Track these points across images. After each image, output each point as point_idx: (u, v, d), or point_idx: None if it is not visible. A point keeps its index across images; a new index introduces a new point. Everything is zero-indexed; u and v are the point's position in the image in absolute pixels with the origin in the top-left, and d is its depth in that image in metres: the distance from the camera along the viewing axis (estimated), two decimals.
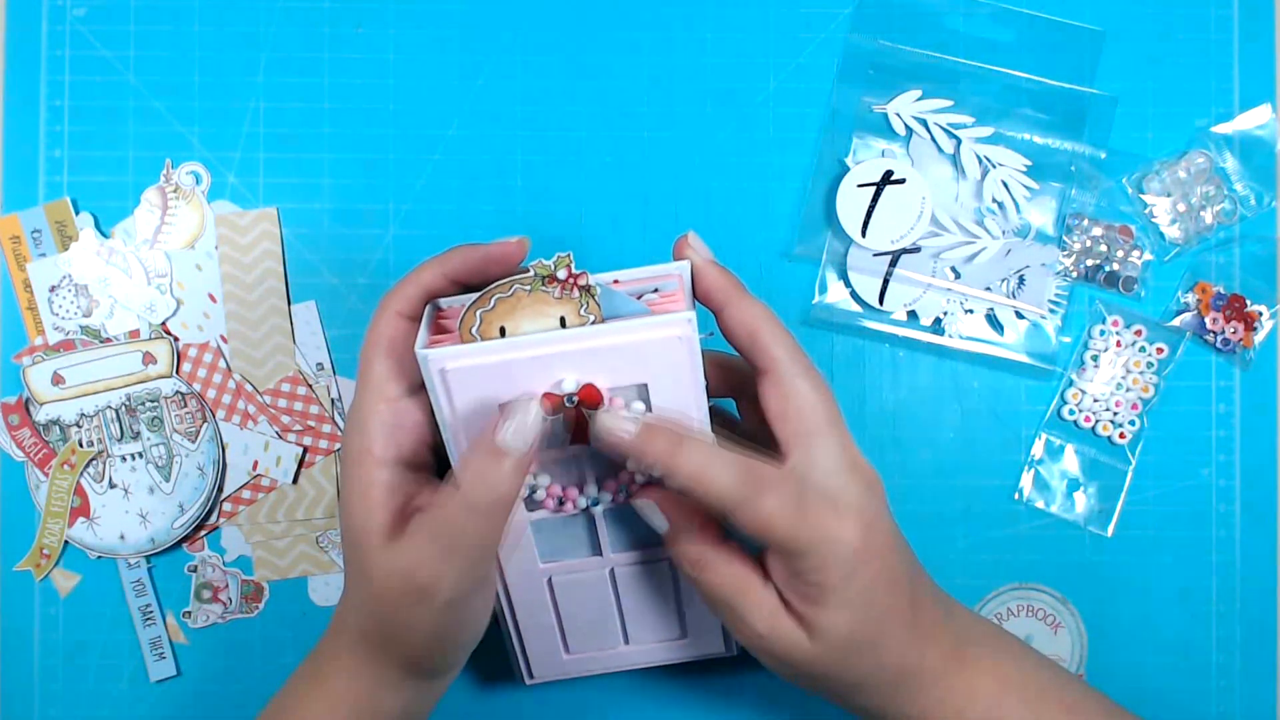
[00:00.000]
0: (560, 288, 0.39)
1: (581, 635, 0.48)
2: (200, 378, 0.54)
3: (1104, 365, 0.54)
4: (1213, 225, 0.55)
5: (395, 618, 0.39)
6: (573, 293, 0.39)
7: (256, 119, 0.54)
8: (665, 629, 0.48)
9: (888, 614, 0.39)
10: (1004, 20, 0.54)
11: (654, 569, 0.46)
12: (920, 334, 0.54)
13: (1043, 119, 0.54)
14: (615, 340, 0.38)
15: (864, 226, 0.53)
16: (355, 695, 0.41)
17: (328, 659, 0.43)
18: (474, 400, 0.39)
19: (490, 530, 0.38)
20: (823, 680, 0.40)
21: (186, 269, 0.54)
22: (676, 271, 0.42)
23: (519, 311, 0.39)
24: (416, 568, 0.38)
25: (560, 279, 0.39)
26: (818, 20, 0.55)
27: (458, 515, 0.37)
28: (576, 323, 0.39)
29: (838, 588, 0.38)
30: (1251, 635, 0.54)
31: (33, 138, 0.54)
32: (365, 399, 0.41)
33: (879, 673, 0.40)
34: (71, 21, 0.54)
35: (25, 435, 0.53)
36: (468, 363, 0.38)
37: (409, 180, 0.55)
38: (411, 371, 0.41)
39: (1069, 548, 0.54)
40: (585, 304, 0.39)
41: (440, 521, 0.38)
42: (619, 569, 0.46)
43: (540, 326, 0.39)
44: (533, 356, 0.38)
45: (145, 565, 0.54)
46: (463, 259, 0.41)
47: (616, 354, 0.39)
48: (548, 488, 0.42)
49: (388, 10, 0.55)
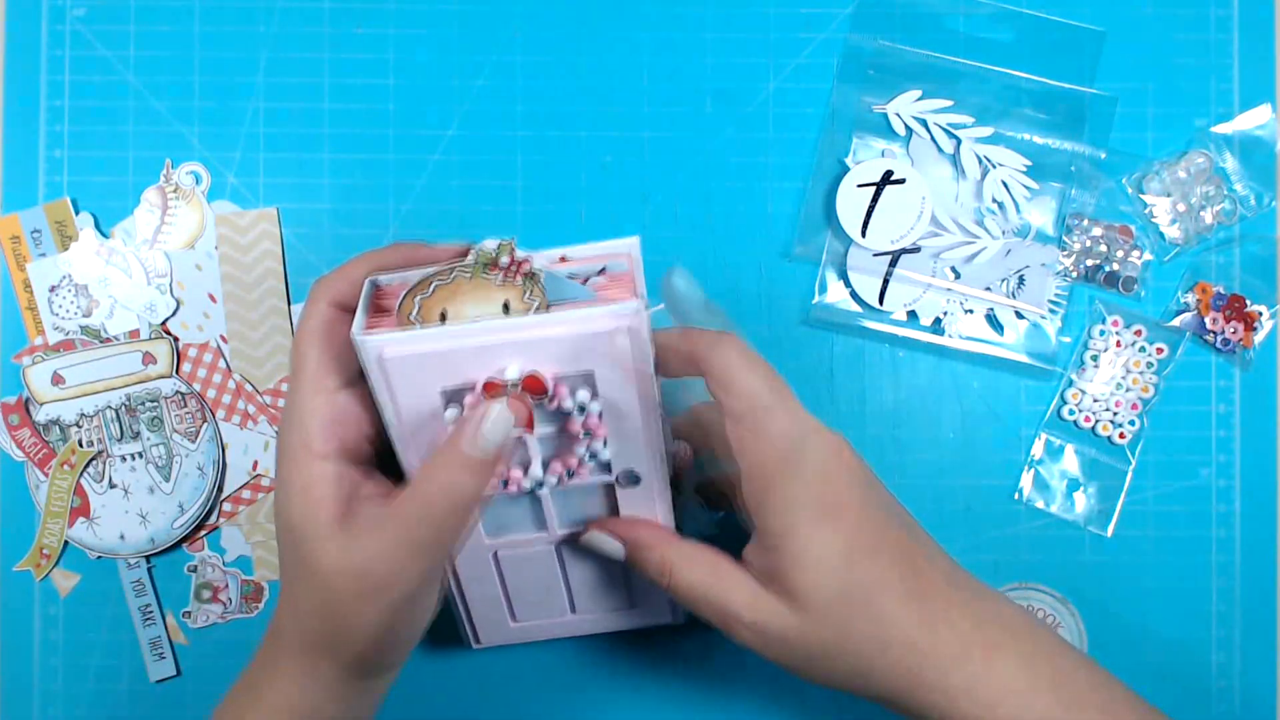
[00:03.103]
0: (503, 274, 0.38)
1: (528, 605, 0.47)
2: (200, 378, 0.54)
3: (1104, 365, 0.54)
4: (1213, 225, 0.55)
5: (345, 615, 0.38)
6: (515, 279, 0.38)
7: (256, 119, 0.54)
8: (612, 599, 0.48)
9: (876, 578, 0.38)
10: (1004, 20, 0.54)
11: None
12: (920, 334, 0.54)
13: (1043, 119, 0.54)
14: (559, 331, 0.38)
15: (864, 226, 0.53)
16: (296, 705, 0.40)
17: (265, 669, 0.41)
18: (416, 387, 0.38)
19: (453, 531, 0.38)
20: (827, 662, 0.39)
21: (186, 269, 0.54)
22: (626, 250, 0.41)
23: (460, 296, 0.38)
24: (374, 563, 0.37)
25: (503, 265, 0.38)
26: (818, 20, 0.55)
27: (421, 514, 0.37)
28: (520, 309, 0.38)
29: (805, 546, 0.38)
30: (1251, 635, 0.54)
31: (33, 138, 0.54)
32: (301, 392, 0.39)
33: (885, 650, 0.38)
34: (71, 21, 0.54)
35: (25, 435, 0.53)
36: (407, 349, 0.37)
37: (409, 180, 0.55)
38: (348, 363, 0.40)
39: (1069, 548, 0.54)
40: (529, 290, 0.38)
41: (402, 519, 0.37)
42: (565, 544, 0.45)
43: (483, 310, 0.38)
44: (475, 345, 0.37)
45: (145, 565, 0.54)
46: (402, 258, 0.41)
47: (561, 344, 0.38)
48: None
49: (388, 10, 0.55)
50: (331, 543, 0.38)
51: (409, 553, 0.37)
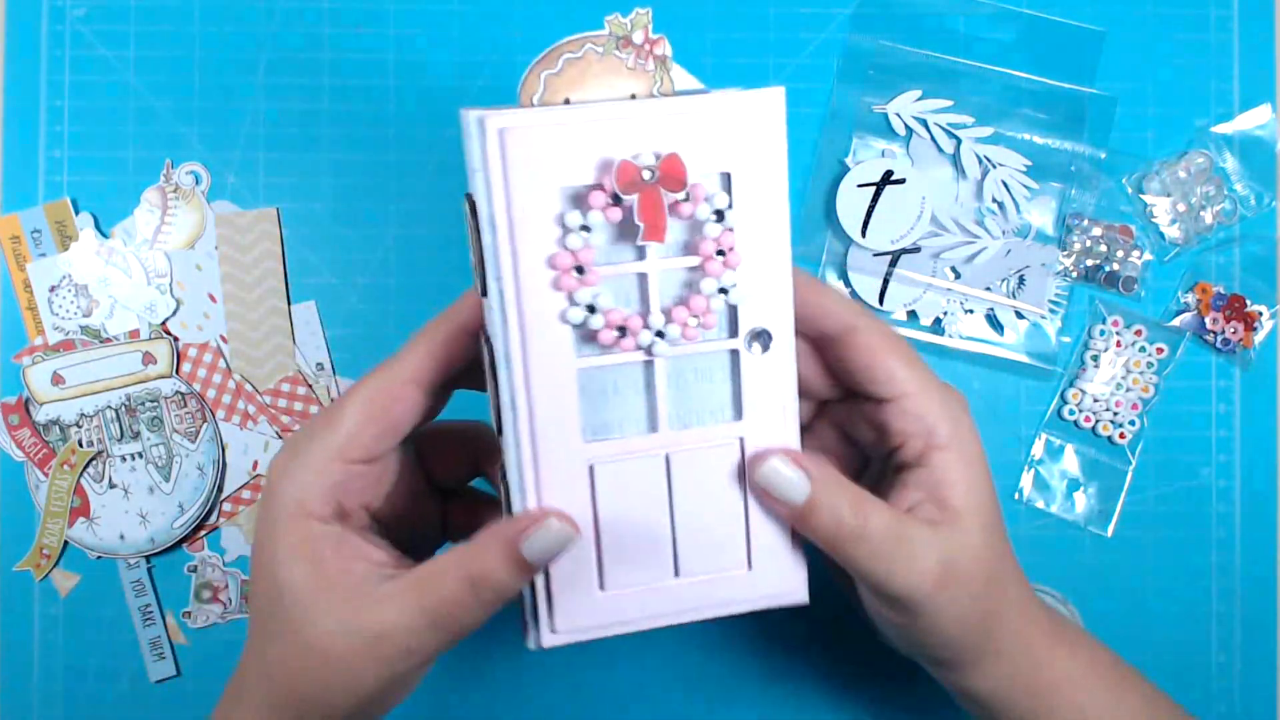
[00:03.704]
0: (636, 54, 0.33)
1: (624, 558, 0.35)
2: (200, 378, 0.54)
3: (1104, 365, 0.54)
4: (1213, 225, 0.55)
5: (338, 677, 0.35)
6: (647, 63, 0.33)
7: (256, 119, 0.54)
8: (726, 553, 0.36)
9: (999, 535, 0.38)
10: (1004, 20, 0.54)
11: (719, 458, 0.35)
12: (920, 334, 0.54)
13: (1043, 119, 0.54)
14: (700, 114, 0.33)
15: (864, 226, 0.53)
16: None
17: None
18: (534, 180, 0.32)
19: (480, 620, 0.35)
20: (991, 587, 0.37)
21: (186, 269, 0.54)
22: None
23: (587, 81, 0.34)
24: (393, 631, 0.35)
25: (636, 43, 0.33)
26: (818, 20, 0.55)
27: (456, 594, 0.35)
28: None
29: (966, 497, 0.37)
30: (1251, 635, 0.54)
31: (33, 138, 0.54)
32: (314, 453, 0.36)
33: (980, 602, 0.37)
34: (71, 21, 0.54)
35: (25, 435, 0.53)
36: (533, 122, 0.32)
37: (409, 180, 0.55)
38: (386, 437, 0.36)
39: (1069, 548, 0.54)
40: (660, 79, 0.34)
41: (436, 594, 0.35)
42: (676, 455, 0.35)
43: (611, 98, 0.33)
44: (608, 127, 0.32)
45: (145, 565, 0.54)
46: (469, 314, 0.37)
47: (701, 131, 0.33)
48: (608, 313, 0.33)
49: (388, 10, 0.55)
50: (336, 605, 0.35)
51: (430, 625, 0.35)
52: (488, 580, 0.34)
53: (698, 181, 0.33)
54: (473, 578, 0.34)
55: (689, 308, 0.34)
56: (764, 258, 0.34)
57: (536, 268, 0.33)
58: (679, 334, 0.34)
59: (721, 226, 0.33)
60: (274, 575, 0.36)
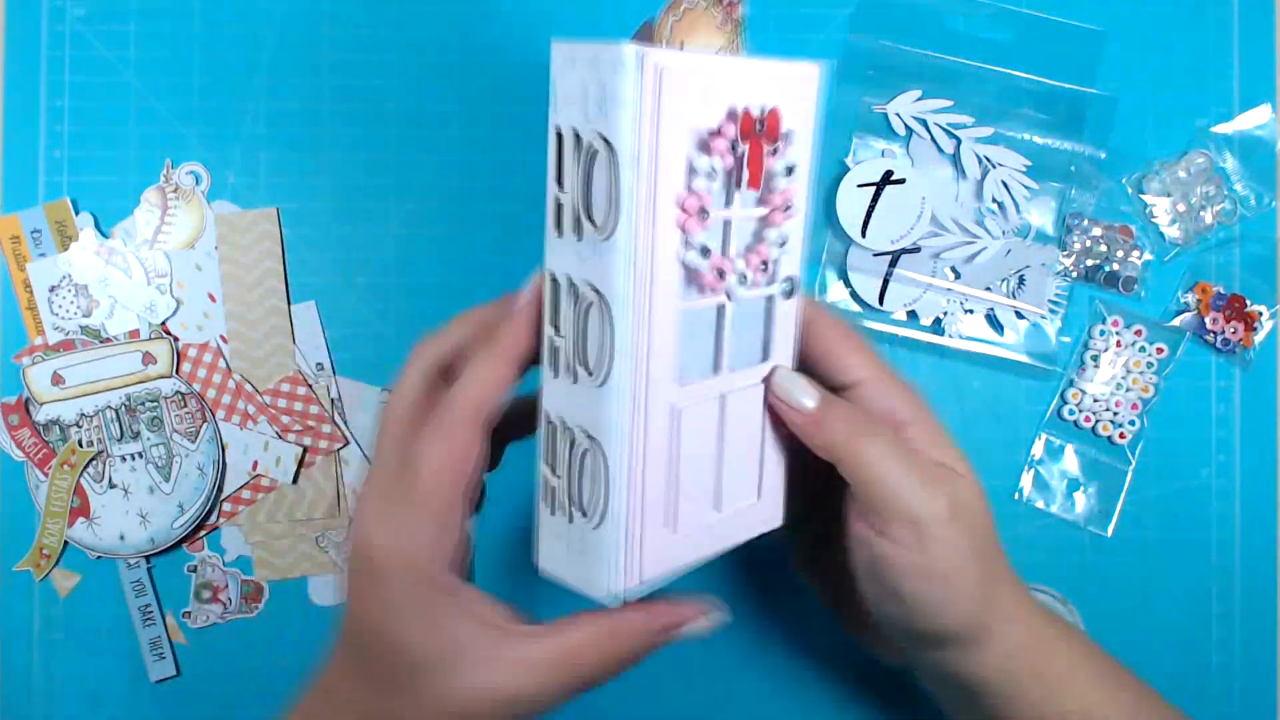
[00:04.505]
0: (724, 13, 0.37)
1: (690, 500, 0.36)
2: (200, 378, 0.54)
3: (1104, 365, 0.54)
4: (1213, 225, 0.55)
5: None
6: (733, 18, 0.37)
7: (256, 119, 0.54)
8: (746, 485, 0.39)
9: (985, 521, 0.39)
10: (1004, 20, 0.54)
11: (753, 397, 0.38)
12: (920, 334, 0.54)
13: (1043, 119, 0.54)
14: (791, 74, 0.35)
15: (864, 226, 0.53)
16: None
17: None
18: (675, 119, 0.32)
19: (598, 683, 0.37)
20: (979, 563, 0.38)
21: (186, 269, 0.54)
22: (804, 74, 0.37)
23: (695, 32, 0.36)
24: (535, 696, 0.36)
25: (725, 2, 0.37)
26: (818, 20, 0.55)
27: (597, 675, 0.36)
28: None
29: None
30: (1251, 635, 0.54)
31: (33, 138, 0.54)
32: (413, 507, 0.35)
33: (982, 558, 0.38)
34: (71, 21, 0.54)
35: (25, 435, 0.53)
36: (684, 66, 0.32)
37: (409, 180, 0.55)
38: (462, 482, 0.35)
39: (1069, 548, 0.54)
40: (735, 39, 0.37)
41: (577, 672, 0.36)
42: (730, 396, 0.37)
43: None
44: (739, 73, 0.33)
45: (145, 565, 0.54)
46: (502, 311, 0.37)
47: (784, 91, 0.35)
48: (713, 260, 0.34)
49: (388, 10, 0.55)
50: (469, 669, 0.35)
51: (566, 693, 0.36)
52: (632, 662, 0.36)
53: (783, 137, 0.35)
54: (620, 660, 0.36)
55: (758, 254, 0.35)
56: (803, 214, 0.37)
57: (668, 208, 0.33)
58: (751, 279, 0.35)
59: (788, 181, 0.35)
60: (389, 636, 0.36)
